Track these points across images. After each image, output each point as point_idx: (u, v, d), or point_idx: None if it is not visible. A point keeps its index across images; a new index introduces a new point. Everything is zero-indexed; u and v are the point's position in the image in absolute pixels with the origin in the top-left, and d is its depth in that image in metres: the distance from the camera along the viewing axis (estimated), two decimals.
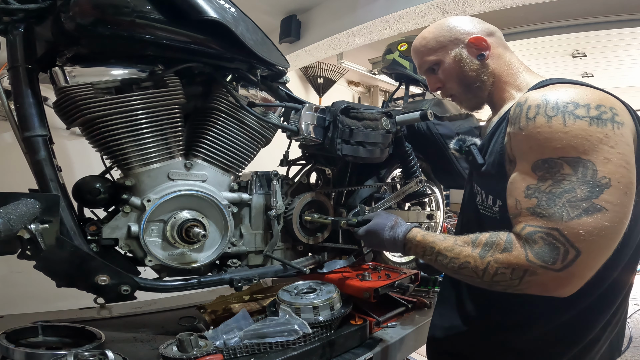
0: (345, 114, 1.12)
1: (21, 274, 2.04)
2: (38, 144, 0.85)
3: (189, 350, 0.85)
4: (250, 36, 0.99)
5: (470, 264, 0.69)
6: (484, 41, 0.84)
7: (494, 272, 0.66)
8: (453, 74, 0.88)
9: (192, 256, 1.01)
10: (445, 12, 2.46)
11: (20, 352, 0.78)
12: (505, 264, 0.65)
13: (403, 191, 1.36)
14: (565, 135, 0.62)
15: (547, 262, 0.61)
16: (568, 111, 0.63)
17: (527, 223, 0.65)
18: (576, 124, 0.62)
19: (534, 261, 0.62)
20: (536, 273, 0.62)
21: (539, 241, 0.62)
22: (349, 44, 3.12)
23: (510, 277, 0.65)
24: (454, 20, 0.89)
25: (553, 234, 0.61)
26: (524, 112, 0.68)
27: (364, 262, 1.41)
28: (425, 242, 0.80)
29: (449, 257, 0.74)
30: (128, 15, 0.83)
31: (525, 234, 0.64)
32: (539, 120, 0.65)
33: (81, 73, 0.88)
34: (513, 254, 0.65)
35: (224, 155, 1.06)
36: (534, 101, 0.67)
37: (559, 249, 0.61)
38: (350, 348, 1.03)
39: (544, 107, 0.65)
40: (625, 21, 2.97)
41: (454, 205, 5.06)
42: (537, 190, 0.64)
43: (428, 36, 0.91)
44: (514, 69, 0.85)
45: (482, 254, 0.68)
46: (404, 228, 0.86)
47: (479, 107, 0.92)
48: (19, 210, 0.62)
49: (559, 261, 0.60)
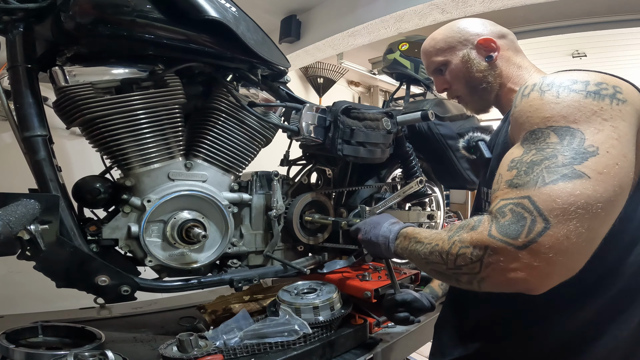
0: (346, 114, 1.11)
1: (21, 274, 2.04)
2: (38, 144, 0.84)
3: (189, 350, 0.85)
4: (251, 36, 0.99)
5: (438, 246, 0.62)
6: (493, 42, 0.83)
7: (456, 252, 0.58)
8: (460, 75, 0.87)
9: (192, 256, 1.01)
10: (445, 12, 2.46)
11: (20, 352, 0.78)
12: (467, 242, 0.57)
13: (403, 191, 1.35)
14: (557, 105, 0.57)
15: (510, 236, 0.52)
16: (564, 86, 0.59)
17: (503, 197, 0.57)
18: (570, 96, 0.57)
19: (496, 235, 0.53)
20: (496, 252, 0.52)
21: (507, 213, 0.54)
22: (349, 44, 3.12)
23: (471, 259, 0.55)
24: (465, 22, 0.88)
25: (523, 203, 0.53)
26: (520, 91, 0.66)
27: (364, 263, 1.41)
28: (411, 234, 0.74)
29: (424, 244, 0.67)
30: (128, 14, 0.82)
31: (496, 210, 0.56)
32: (532, 95, 0.62)
33: (81, 73, 0.88)
34: (478, 230, 0.56)
35: (224, 155, 1.05)
36: (532, 81, 0.65)
37: (525, 220, 0.51)
38: (351, 348, 1.03)
39: (540, 84, 0.62)
40: (625, 21, 2.97)
41: (454, 205, 5.06)
42: (520, 162, 0.58)
43: (438, 37, 0.90)
44: (525, 70, 0.83)
45: (452, 235, 0.61)
46: (397, 228, 0.80)
47: (485, 110, 0.91)
48: (18, 211, 0.62)
49: (522, 234, 0.51)
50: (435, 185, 1.67)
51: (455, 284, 0.63)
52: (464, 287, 0.61)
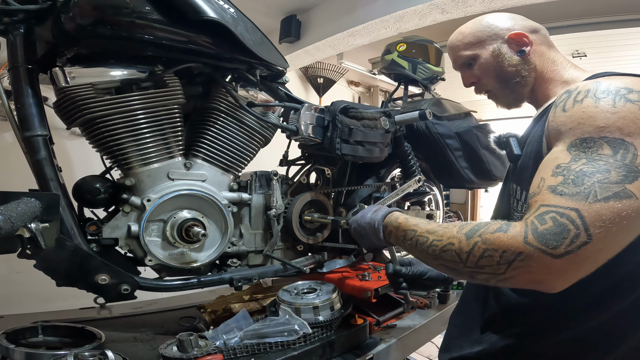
0: (344, 113, 1.12)
1: (21, 274, 2.05)
2: (38, 144, 0.85)
3: (189, 350, 0.85)
4: (249, 36, 0.99)
5: (454, 246, 0.61)
6: (525, 37, 0.82)
7: (480, 254, 0.57)
8: (490, 69, 0.85)
9: (192, 256, 1.01)
10: (445, 12, 2.47)
11: (20, 352, 0.78)
12: (495, 245, 0.55)
13: (402, 190, 1.36)
14: (612, 115, 0.56)
15: (549, 246, 0.51)
16: (620, 94, 0.58)
17: (543, 203, 0.56)
18: (626, 106, 0.57)
19: (533, 243, 0.53)
20: (530, 258, 0.53)
21: (548, 221, 0.53)
22: (349, 44, 3.12)
23: (498, 262, 0.55)
24: (494, 17, 0.87)
25: (570, 215, 0.52)
26: (572, 96, 0.64)
27: (363, 262, 1.41)
28: (407, 224, 0.74)
29: (431, 240, 0.65)
30: (128, 15, 0.83)
31: (535, 216, 0.55)
32: (587, 101, 0.60)
33: (81, 73, 0.88)
34: (508, 234, 0.55)
35: (223, 155, 1.06)
36: (585, 87, 0.63)
37: (569, 232, 0.51)
38: (350, 348, 1.03)
39: (594, 91, 0.60)
40: (625, 21, 2.97)
41: (454, 205, 5.06)
42: (567, 169, 0.57)
43: (466, 31, 0.89)
44: (559, 65, 0.81)
45: (469, 234, 0.59)
46: (384, 211, 0.82)
47: (517, 104, 0.89)
48: (19, 208, 0.62)
49: (563, 245, 0.51)
50: (434, 184, 1.67)
51: (467, 280, 0.63)
52: (477, 282, 0.61)
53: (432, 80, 2.04)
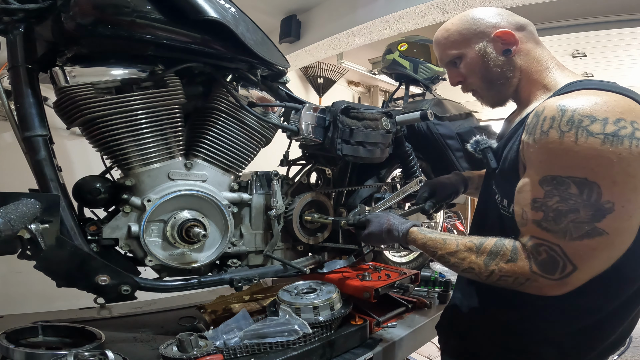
0: (345, 114, 1.11)
1: (21, 274, 2.04)
2: (38, 144, 0.84)
3: (189, 350, 0.85)
4: (250, 36, 0.99)
5: (475, 270, 0.74)
6: (511, 36, 0.80)
7: (497, 278, 0.71)
8: (475, 69, 0.84)
9: (192, 256, 1.01)
10: (445, 12, 2.47)
11: (20, 352, 0.78)
12: (510, 273, 0.70)
13: (403, 191, 1.36)
14: (575, 155, 0.61)
15: (547, 273, 0.66)
16: (582, 127, 0.61)
17: (533, 235, 0.68)
18: (588, 142, 0.60)
19: (536, 271, 0.67)
20: (536, 281, 0.67)
21: (542, 253, 0.66)
22: (349, 44, 3.12)
23: (512, 283, 0.70)
24: (480, 12, 0.85)
25: (555, 250, 0.65)
26: (539, 123, 0.66)
27: (364, 262, 1.41)
28: (425, 246, 0.83)
29: (452, 261, 0.77)
30: (128, 15, 0.83)
31: (531, 246, 0.68)
32: (552, 134, 0.64)
33: (81, 73, 0.88)
34: (518, 264, 0.69)
35: (224, 155, 1.06)
36: (550, 112, 0.65)
37: (559, 263, 0.65)
38: (350, 348, 1.03)
39: (559, 121, 0.63)
40: (625, 21, 2.97)
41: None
42: (544, 205, 0.66)
43: (451, 28, 0.87)
44: (544, 65, 0.81)
45: (487, 262, 0.72)
46: (403, 228, 0.88)
47: (501, 104, 0.89)
48: (19, 210, 0.62)
49: (557, 273, 0.65)
50: None
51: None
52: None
53: (434, 80, 2.04)
